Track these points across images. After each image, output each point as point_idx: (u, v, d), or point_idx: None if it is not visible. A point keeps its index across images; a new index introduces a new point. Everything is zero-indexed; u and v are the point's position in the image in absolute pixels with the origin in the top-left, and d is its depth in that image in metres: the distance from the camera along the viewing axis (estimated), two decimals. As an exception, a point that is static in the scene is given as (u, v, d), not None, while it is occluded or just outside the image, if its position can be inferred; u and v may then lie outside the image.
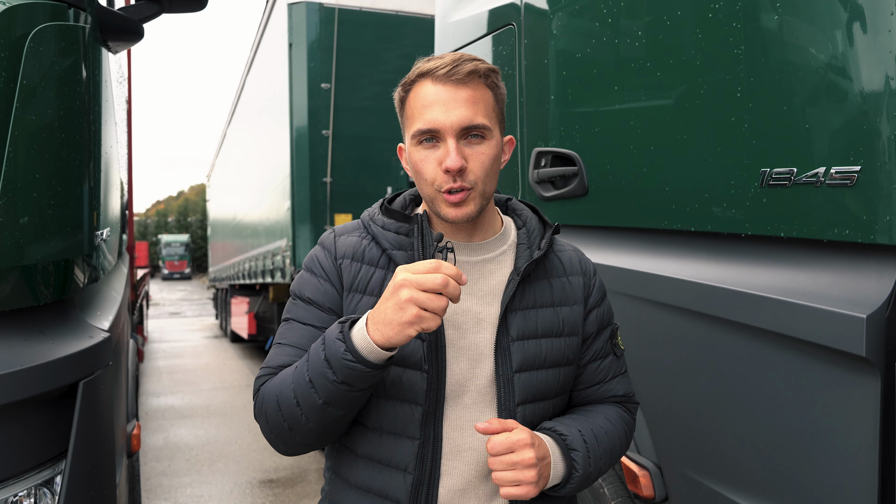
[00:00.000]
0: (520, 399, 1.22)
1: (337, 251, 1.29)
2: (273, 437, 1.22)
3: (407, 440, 1.20)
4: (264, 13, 8.01)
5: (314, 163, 6.57)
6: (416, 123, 1.18)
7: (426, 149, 1.18)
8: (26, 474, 1.73)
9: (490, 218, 1.31)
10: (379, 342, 1.05)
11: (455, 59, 1.17)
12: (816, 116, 1.41)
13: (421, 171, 1.20)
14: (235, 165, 12.51)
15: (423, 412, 1.19)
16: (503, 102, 1.26)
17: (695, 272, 1.68)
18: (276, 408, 1.17)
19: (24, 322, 1.77)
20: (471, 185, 1.17)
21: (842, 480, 1.34)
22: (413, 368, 1.19)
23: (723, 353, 1.58)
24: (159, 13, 2.23)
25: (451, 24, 2.98)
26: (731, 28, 1.56)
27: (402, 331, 1.03)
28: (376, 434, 1.23)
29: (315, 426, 1.15)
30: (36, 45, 1.68)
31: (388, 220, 1.29)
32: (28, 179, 1.69)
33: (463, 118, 1.15)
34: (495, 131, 1.21)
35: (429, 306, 1.01)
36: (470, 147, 1.17)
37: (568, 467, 1.20)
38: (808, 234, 1.42)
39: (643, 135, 1.84)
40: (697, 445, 1.68)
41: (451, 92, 1.16)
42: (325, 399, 1.10)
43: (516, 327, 1.24)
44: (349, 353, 1.06)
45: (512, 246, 1.32)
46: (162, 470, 5.72)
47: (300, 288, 1.30)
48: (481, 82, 1.19)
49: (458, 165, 1.14)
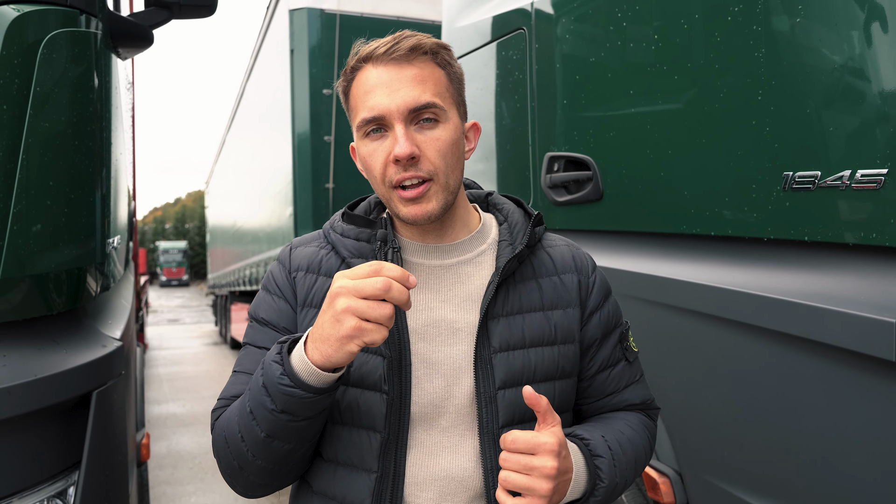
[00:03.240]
0: (505, 420, 1.07)
1: (291, 264, 1.17)
2: (228, 478, 1.09)
3: (363, 473, 1.06)
4: (265, 19, 8.01)
5: (316, 169, 6.56)
6: (360, 113, 1.05)
7: (373, 140, 1.06)
8: (40, 486, 1.71)
9: (462, 215, 1.16)
10: (318, 362, 0.92)
11: (395, 36, 1.06)
12: (841, 119, 1.40)
13: (370, 167, 1.07)
14: (235, 171, 12.50)
15: (381, 440, 1.05)
16: (459, 83, 1.12)
17: (715, 277, 1.66)
18: (224, 444, 1.05)
19: (38, 332, 1.75)
20: (428, 174, 1.04)
21: (870, 488, 1.32)
22: (371, 390, 1.06)
23: (746, 359, 1.57)
24: (169, 19, 2.22)
25: (458, 28, 2.97)
26: (751, 31, 1.55)
27: (341, 347, 0.89)
28: (331, 466, 1.10)
29: (263, 463, 1.02)
30: (49, 51, 1.67)
31: (347, 227, 1.17)
32: (41, 187, 1.67)
33: (409, 98, 1.02)
34: (451, 113, 1.07)
35: (370, 316, 0.88)
36: (422, 133, 1.04)
37: (592, 478, 1.04)
38: (833, 237, 1.41)
39: (660, 139, 1.83)
40: (720, 452, 1.66)
41: (395, 72, 1.04)
42: (266, 432, 0.97)
43: (499, 336, 1.09)
44: (286, 377, 0.93)
45: (492, 245, 1.17)
46: (166, 478, 5.69)
47: (255, 309, 1.18)
48: (428, 59, 1.06)
49: (408, 152, 1.01)
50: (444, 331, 1.10)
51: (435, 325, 1.10)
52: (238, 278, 12.02)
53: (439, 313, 1.11)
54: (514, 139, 2.49)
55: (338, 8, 6.56)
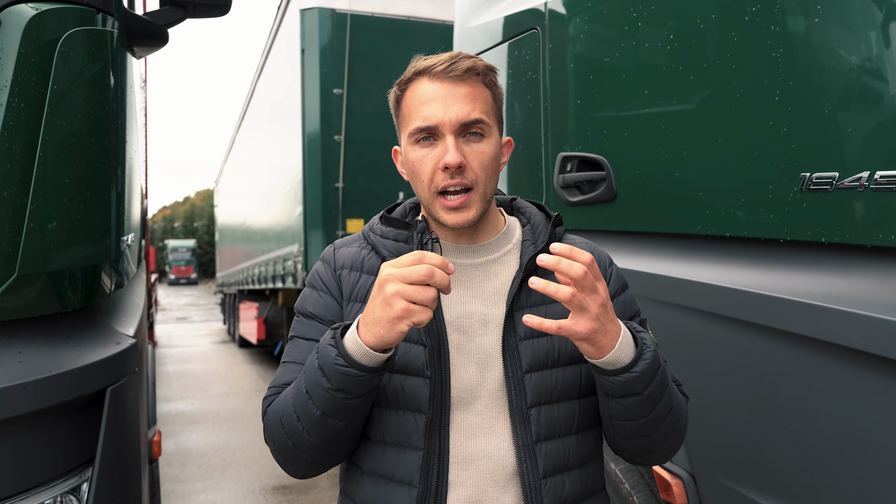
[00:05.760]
0: (532, 401, 1.16)
1: (336, 262, 1.29)
2: (282, 459, 1.19)
3: (411, 451, 1.15)
4: (276, 19, 8.03)
5: (326, 168, 6.57)
6: (414, 121, 1.16)
7: (423, 147, 1.16)
8: (53, 482, 1.72)
9: (492, 219, 1.28)
10: (370, 343, 1.02)
11: (452, 56, 1.16)
12: (859, 120, 1.39)
13: (418, 172, 1.17)
14: (245, 170, 12.54)
15: (426, 421, 1.15)
16: (501, 102, 1.24)
17: (731, 278, 1.65)
18: (279, 426, 1.15)
19: (53, 328, 1.76)
20: (471, 183, 1.14)
21: (888, 491, 1.31)
22: (415, 375, 1.16)
23: (761, 361, 1.56)
24: (184, 18, 2.22)
25: (471, 28, 2.96)
26: (768, 30, 1.54)
27: (392, 327, 1.00)
28: (379, 447, 1.19)
29: (318, 441, 1.12)
30: (66, 49, 1.68)
31: (386, 229, 1.28)
32: (58, 184, 1.68)
33: (461, 113, 1.13)
34: (494, 130, 1.19)
35: (417, 298, 0.99)
36: (469, 145, 1.15)
37: (639, 345, 1.07)
38: (851, 239, 1.40)
39: (675, 139, 1.82)
40: (735, 454, 1.65)
41: (449, 88, 1.14)
42: (322, 409, 1.08)
43: (524, 326, 1.17)
44: (341, 358, 1.04)
45: (517, 245, 1.28)
46: (175, 476, 5.71)
47: (302, 304, 1.29)
48: (479, 80, 1.17)
49: (458, 161, 1.11)
50: (476, 322, 1.21)
51: (468, 318, 1.21)
52: (247, 277, 12.05)
53: (471, 307, 1.21)
54: (527, 139, 2.49)
55: (349, 8, 6.57)
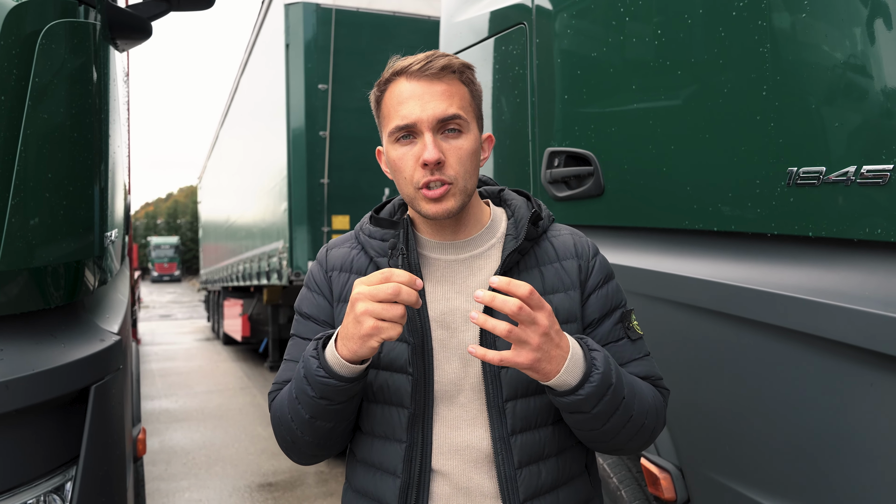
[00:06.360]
0: (508, 395, 1.19)
1: (328, 264, 1.34)
2: (286, 450, 1.27)
3: (395, 443, 1.21)
4: (259, 13, 7.96)
5: (311, 164, 6.53)
6: (393, 121, 1.19)
7: (403, 146, 1.19)
8: (36, 481, 1.69)
9: (475, 213, 1.29)
10: (346, 357, 1.08)
11: (428, 55, 1.19)
12: (846, 115, 1.40)
13: (399, 169, 1.20)
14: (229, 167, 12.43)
15: (409, 415, 1.20)
16: (479, 99, 1.27)
17: (718, 272, 1.66)
18: (279, 423, 1.24)
19: (35, 325, 1.73)
20: (450, 179, 1.17)
21: (873, 484, 1.33)
22: (399, 372, 1.21)
23: (748, 355, 1.57)
24: (167, 11, 2.20)
25: (457, 23, 2.95)
26: (755, 26, 1.54)
27: (363, 343, 1.05)
28: (368, 438, 1.26)
29: (311, 439, 1.20)
30: (48, 42, 1.65)
31: (374, 229, 1.31)
32: (40, 179, 1.66)
33: (438, 110, 1.16)
34: (472, 125, 1.21)
35: (385, 316, 1.03)
36: (447, 141, 1.18)
37: (588, 366, 1.07)
38: (838, 233, 1.41)
39: (663, 134, 1.82)
40: (722, 447, 1.66)
41: (426, 87, 1.17)
42: (310, 414, 1.15)
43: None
44: (322, 370, 1.09)
45: (500, 239, 1.29)
46: (159, 474, 5.67)
47: (299, 304, 1.35)
48: (455, 77, 1.20)
49: (436, 157, 1.14)
50: (459, 318, 1.23)
51: (451, 314, 1.24)
52: (231, 274, 11.97)
53: (455, 303, 1.24)
54: (514, 134, 2.49)
55: (334, 2, 6.52)
